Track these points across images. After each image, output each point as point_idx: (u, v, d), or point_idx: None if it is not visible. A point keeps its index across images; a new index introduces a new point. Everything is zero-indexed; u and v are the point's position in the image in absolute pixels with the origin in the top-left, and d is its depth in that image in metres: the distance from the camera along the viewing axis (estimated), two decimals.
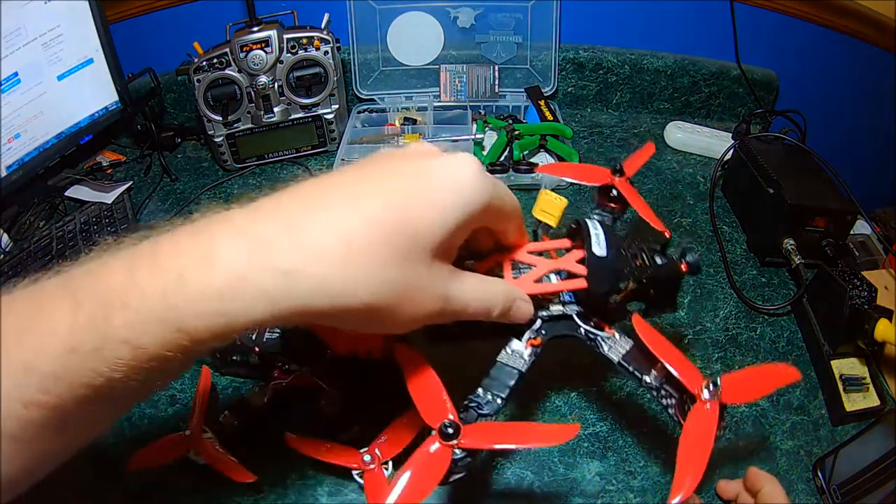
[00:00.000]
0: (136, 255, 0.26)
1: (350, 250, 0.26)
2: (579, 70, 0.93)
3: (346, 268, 0.26)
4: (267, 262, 0.25)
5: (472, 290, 0.33)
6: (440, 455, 0.33)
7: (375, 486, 0.45)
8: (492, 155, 0.78)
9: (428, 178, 0.29)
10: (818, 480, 0.50)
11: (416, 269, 0.29)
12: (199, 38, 0.83)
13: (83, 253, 0.70)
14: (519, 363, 0.39)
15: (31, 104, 0.74)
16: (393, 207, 0.28)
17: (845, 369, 0.56)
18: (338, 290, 0.27)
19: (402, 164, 0.30)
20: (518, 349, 0.40)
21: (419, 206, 0.29)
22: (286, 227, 0.26)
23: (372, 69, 0.91)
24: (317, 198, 0.28)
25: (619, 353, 0.40)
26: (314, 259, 0.26)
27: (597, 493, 0.49)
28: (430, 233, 0.29)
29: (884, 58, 0.88)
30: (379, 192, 0.28)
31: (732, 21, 0.89)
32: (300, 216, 0.27)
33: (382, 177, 0.29)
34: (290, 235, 0.26)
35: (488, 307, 0.34)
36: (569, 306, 0.41)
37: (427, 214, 0.29)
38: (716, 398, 0.35)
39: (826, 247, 0.64)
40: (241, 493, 0.48)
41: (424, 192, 0.29)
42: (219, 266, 0.25)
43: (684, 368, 0.36)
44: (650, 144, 0.56)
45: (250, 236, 0.26)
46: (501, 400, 0.37)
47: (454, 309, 0.32)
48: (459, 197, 0.30)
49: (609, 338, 0.40)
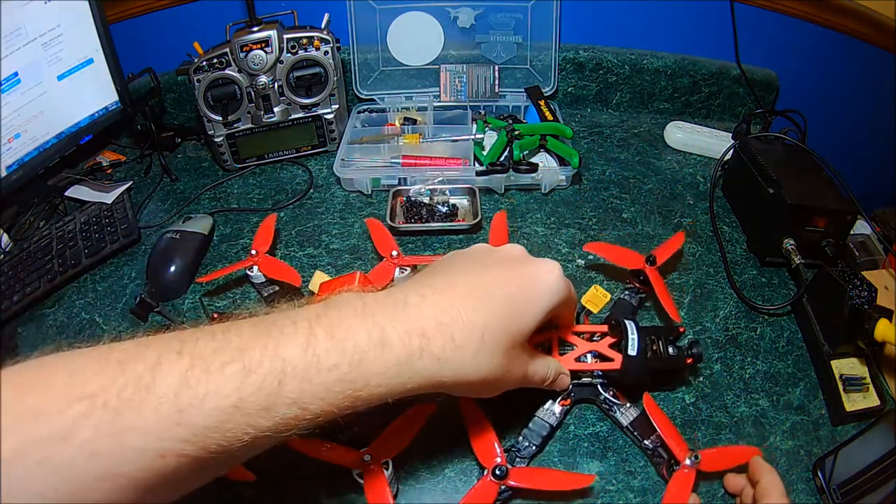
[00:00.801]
0: (307, 333, 0.32)
1: (483, 343, 0.36)
2: (579, 70, 0.93)
3: (478, 354, 0.36)
4: (426, 351, 0.34)
5: (539, 366, 0.45)
6: (489, 489, 0.45)
7: (375, 486, 0.45)
8: (492, 155, 0.78)
9: (534, 283, 0.40)
10: (818, 480, 0.50)
11: (515, 351, 0.39)
12: (199, 38, 0.83)
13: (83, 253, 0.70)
14: (552, 419, 0.51)
15: (31, 104, 0.74)
16: (512, 306, 0.38)
17: (845, 369, 0.56)
18: (467, 370, 0.36)
19: (514, 271, 0.40)
20: (551, 408, 0.52)
21: (527, 305, 0.39)
22: (438, 322, 0.35)
23: (372, 69, 0.91)
24: (455, 298, 0.37)
25: (628, 419, 0.52)
26: (459, 348, 0.35)
27: (597, 493, 0.49)
28: (529, 324, 0.39)
29: (884, 58, 0.88)
30: (504, 296, 0.38)
31: (732, 21, 0.89)
32: (447, 311, 0.35)
33: (504, 282, 0.39)
34: (442, 329, 0.35)
35: (544, 379, 0.46)
36: (595, 379, 0.53)
37: (530, 311, 0.39)
38: (695, 466, 0.47)
39: (826, 247, 0.64)
40: (241, 493, 0.48)
41: (530, 294, 0.40)
42: (391, 352, 0.33)
43: (675, 440, 0.48)
44: (680, 235, 0.66)
45: (411, 328, 0.34)
46: (536, 447, 0.50)
47: (527, 381, 0.43)
48: (552, 296, 0.41)
49: (622, 405, 0.53)
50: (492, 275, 0.39)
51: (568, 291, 0.43)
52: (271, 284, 0.65)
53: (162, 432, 0.26)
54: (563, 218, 0.76)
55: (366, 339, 0.32)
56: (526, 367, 0.42)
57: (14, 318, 0.65)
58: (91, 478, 0.26)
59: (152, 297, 0.64)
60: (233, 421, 0.28)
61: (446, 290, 0.37)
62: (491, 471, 0.45)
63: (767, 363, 0.59)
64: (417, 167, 0.78)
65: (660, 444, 0.50)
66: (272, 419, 0.29)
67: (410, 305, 0.35)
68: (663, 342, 0.52)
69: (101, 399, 0.26)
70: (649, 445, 0.50)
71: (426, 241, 0.73)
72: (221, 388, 0.28)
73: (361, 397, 0.32)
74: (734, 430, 0.54)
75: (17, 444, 0.25)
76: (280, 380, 0.29)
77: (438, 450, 0.51)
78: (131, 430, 0.26)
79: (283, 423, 0.30)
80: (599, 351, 0.51)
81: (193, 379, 0.28)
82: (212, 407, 0.27)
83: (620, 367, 0.50)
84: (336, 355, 0.31)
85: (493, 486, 0.45)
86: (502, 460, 0.46)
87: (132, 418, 0.26)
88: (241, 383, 0.28)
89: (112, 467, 0.26)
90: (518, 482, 0.45)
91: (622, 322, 0.51)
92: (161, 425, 0.26)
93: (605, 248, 0.65)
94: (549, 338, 0.51)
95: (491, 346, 0.37)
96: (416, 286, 0.38)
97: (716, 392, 0.57)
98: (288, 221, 0.76)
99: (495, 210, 0.77)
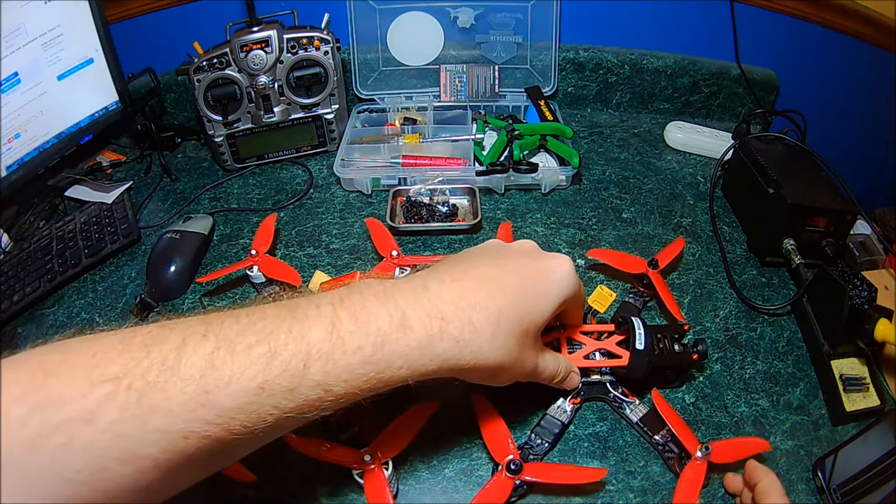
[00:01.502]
0: (331, 316, 0.32)
1: (499, 326, 0.37)
2: (579, 70, 0.93)
3: (494, 337, 0.37)
4: (446, 333, 0.35)
5: (549, 362, 0.45)
6: (504, 484, 0.46)
7: (375, 486, 0.45)
8: (492, 155, 0.78)
9: (546, 275, 0.41)
10: (818, 480, 0.50)
11: (529, 340, 0.40)
12: (199, 38, 0.83)
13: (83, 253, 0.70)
14: (563, 417, 0.52)
15: (31, 104, 0.74)
16: (526, 296, 0.39)
17: (845, 369, 0.56)
18: (485, 353, 0.37)
19: (528, 263, 0.42)
20: (563, 406, 0.53)
21: (539, 296, 0.40)
22: (456, 306, 0.36)
23: (372, 69, 0.91)
24: (473, 285, 0.38)
25: (638, 416, 0.53)
26: (476, 332, 0.36)
27: (597, 492, 0.49)
28: (541, 315, 0.40)
29: (884, 58, 0.88)
30: (518, 286, 0.39)
31: (732, 21, 0.89)
32: (465, 296, 0.36)
33: (518, 273, 0.40)
34: (460, 313, 0.36)
35: (554, 376, 0.46)
36: (604, 377, 0.54)
37: (542, 301, 0.41)
38: (706, 458, 0.47)
39: (826, 247, 0.64)
40: (241, 493, 0.48)
41: (543, 285, 0.41)
42: (412, 335, 0.34)
43: (686, 434, 0.49)
44: (680, 239, 0.67)
45: (432, 311, 0.35)
46: (548, 444, 0.51)
47: (537, 374, 0.44)
48: (563, 289, 0.42)
49: (631, 403, 0.53)
50: (506, 266, 0.41)
51: (578, 287, 0.44)
52: (271, 284, 0.65)
53: (187, 414, 0.27)
54: (563, 218, 0.76)
55: (388, 322, 0.33)
56: (537, 359, 0.43)
57: (14, 318, 0.65)
58: (114, 460, 0.26)
59: (152, 297, 0.64)
60: (258, 402, 0.28)
61: (464, 278, 0.38)
62: (505, 466, 0.45)
63: (767, 363, 0.59)
64: (417, 167, 0.78)
65: (670, 438, 0.51)
66: (296, 400, 0.30)
67: (430, 290, 0.36)
68: (669, 340, 0.53)
69: (126, 381, 0.26)
70: (660, 441, 0.51)
71: (426, 241, 0.73)
72: (247, 369, 0.28)
73: (383, 379, 0.33)
74: (734, 430, 0.54)
75: (40, 427, 0.25)
76: (305, 362, 0.30)
77: (438, 450, 0.52)
78: (156, 412, 0.26)
79: (307, 405, 0.30)
80: (607, 349, 0.52)
81: (219, 361, 0.28)
82: (237, 388, 0.28)
83: (628, 363, 0.50)
84: (359, 338, 0.32)
85: (508, 482, 0.45)
86: (515, 456, 0.46)
87: (157, 399, 0.26)
88: (266, 365, 0.29)
89: (135, 448, 0.26)
90: (533, 476, 0.46)
91: (629, 318, 0.52)
92: (186, 406, 0.27)
93: (608, 254, 0.66)
94: (557, 337, 0.52)
95: (506, 329, 0.37)
96: (435, 273, 0.39)
97: (716, 392, 0.57)
98: (288, 221, 0.76)
99: (495, 210, 0.77)
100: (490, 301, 0.37)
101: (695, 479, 0.46)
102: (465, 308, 0.36)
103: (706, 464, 0.47)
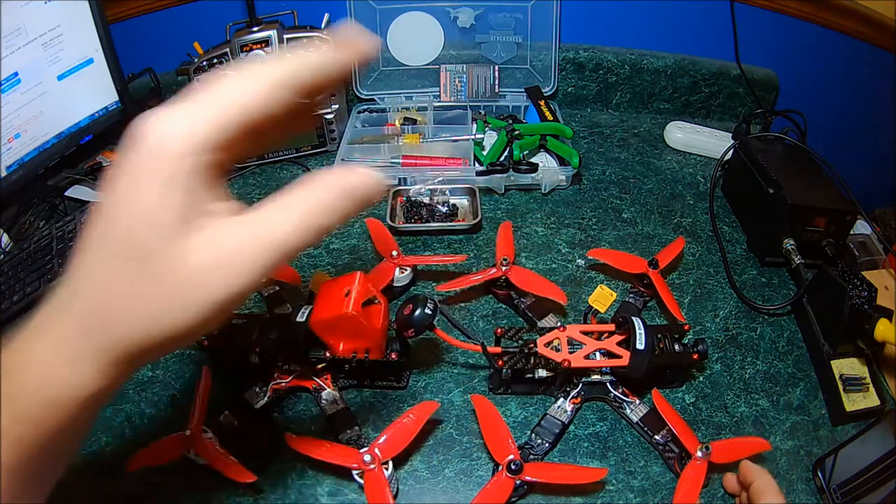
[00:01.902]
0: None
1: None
2: (579, 70, 0.93)
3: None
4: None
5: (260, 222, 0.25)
6: (505, 483, 0.45)
7: (375, 486, 0.45)
8: (492, 155, 0.78)
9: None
10: (818, 480, 0.50)
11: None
12: (199, 38, 0.83)
13: None
14: (563, 417, 0.52)
15: (31, 104, 0.74)
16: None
17: (845, 369, 0.56)
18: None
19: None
20: (563, 406, 0.52)
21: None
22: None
23: (372, 69, 0.91)
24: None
25: (638, 415, 0.53)
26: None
27: (597, 492, 0.49)
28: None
29: (884, 58, 0.88)
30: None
31: (732, 21, 0.89)
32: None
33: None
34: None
35: (291, 225, 0.25)
36: (605, 376, 0.53)
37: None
38: (706, 458, 0.47)
39: (826, 247, 0.64)
40: (241, 493, 0.48)
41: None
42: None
43: (686, 434, 0.49)
44: (680, 239, 0.67)
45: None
46: (549, 444, 0.51)
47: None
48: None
49: (632, 403, 0.53)
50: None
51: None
52: (271, 284, 0.65)
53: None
54: (563, 218, 0.76)
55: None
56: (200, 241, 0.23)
57: (14, 318, 0.65)
58: None
59: None
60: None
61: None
62: (506, 466, 0.45)
63: (767, 363, 0.59)
64: (417, 167, 0.78)
65: (670, 438, 0.51)
66: None
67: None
68: (669, 340, 0.53)
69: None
70: (660, 440, 0.51)
71: (426, 241, 0.73)
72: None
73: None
74: (734, 430, 0.54)
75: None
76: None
77: (438, 450, 0.52)
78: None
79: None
80: (608, 349, 0.52)
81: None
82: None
83: (628, 363, 0.50)
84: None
85: (508, 482, 0.45)
86: (516, 456, 0.46)
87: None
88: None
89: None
90: (533, 476, 0.46)
91: (629, 318, 0.52)
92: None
93: (608, 254, 0.66)
94: (556, 337, 0.52)
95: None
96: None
97: (716, 392, 0.57)
98: None
99: (495, 210, 0.77)
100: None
101: (695, 479, 0.46)
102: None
103: (706, 464, 0.47)
